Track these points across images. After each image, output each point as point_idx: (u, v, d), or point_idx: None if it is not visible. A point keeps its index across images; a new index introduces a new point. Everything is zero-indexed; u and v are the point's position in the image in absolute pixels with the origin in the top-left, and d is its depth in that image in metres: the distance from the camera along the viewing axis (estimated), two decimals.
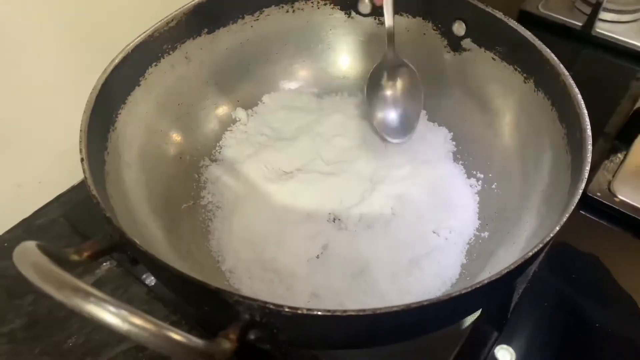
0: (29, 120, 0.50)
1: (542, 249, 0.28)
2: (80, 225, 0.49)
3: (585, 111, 0.34)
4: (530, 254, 0.27)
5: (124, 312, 0.20)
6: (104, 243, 0.28)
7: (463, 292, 0.25)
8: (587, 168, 0.31)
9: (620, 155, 0.55)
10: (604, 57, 0.70)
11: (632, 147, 0.55)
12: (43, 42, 0.48)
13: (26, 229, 0.50)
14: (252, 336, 0.26)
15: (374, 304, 0.35)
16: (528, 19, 0.75)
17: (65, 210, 0.51)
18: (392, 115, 0.46)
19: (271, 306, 0.24)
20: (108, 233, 0.28)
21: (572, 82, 0.36)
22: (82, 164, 0.31)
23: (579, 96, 0.35)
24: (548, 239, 0.28)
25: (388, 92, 0.46)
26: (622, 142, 0.56)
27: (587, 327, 0.44)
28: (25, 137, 0.50)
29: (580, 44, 0.72)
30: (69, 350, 0.42)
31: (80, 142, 0.32)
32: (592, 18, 0.69)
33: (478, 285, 0.26)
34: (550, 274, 0.46)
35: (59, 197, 0.53)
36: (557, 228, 0.28)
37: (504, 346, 0.40)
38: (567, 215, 0.29)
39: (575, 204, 0.29)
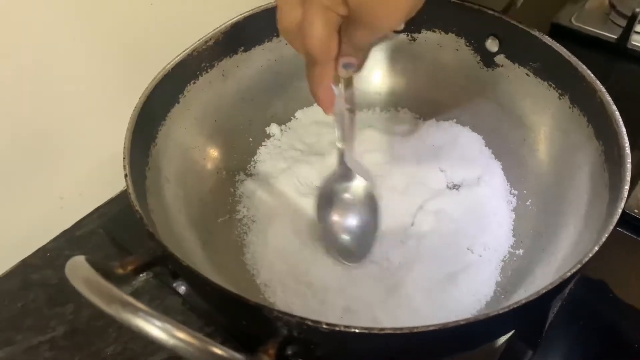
0: (71, 134, 0.52)
1: (579, 270, 0.27)
2: (117, 237, 0.50)
3: (623, 129, 0.34)
4: (569, 274, 0.27)
5: (169, 327, 0.20)
6: (146, 257, 0.29)
7: (500, 312, 0.25)
8: (627, 187, 0.31)
9: None
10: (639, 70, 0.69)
11: None
12: (86, 59, 0.49)
13: (67, 239, 0.52)
14: (289, 351, 0.26)
15: (408, 319, 0.36)
16: (561, 32, 0.74)
17: (103, 222, 0.52)
18: (348, 237, 0.41)
19: (309, 322, 0.25)
20: (150, 248, 0.29)
21: (609, 99, 0.36)
22: (126, 180, 0.32)
23: (617, 113, 0.35)
24: (587, 259, 0.27)
25: (344, 212, 0.41)
26: None
27: (625, 349, 0.42)
28: (68, 151, 0.52)
29: (615, 57, 0.70)
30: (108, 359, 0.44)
31: (123, 158, 0.33)
32: (627, 31, 0.68)
33: (515, 306, 0.26)
34: (587, 292, 0.45)
35: (98, 209, 0.54)
36: (596, 248, 0.28)
37: None
38: (605, 236, 0.28)
39: (613, 224, 0.29)
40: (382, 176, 0.45)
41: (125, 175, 0.32)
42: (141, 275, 0.48)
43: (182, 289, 0.45)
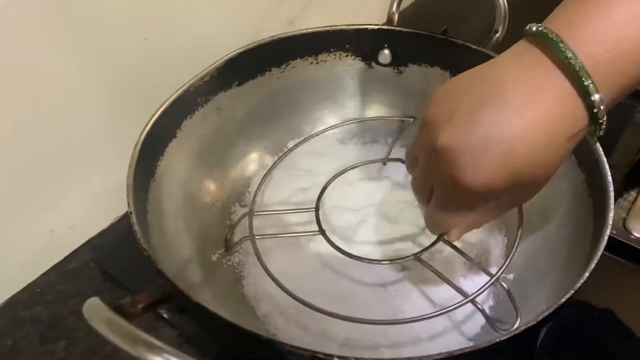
0: (61, 167, 0.52)
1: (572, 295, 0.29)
2: (110, 270, 0.50)
3: (604, 157, 0.36)
4: (563, 300, 0.29)
5: None
6: (155, 294, 0.30)
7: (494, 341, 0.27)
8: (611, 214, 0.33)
9: (633, 193, 0.56)
10: None
11: None
12: (79, 95, 0.50)
13: (59, 273, 0.52)
14: None
15: (410, 348, 0.37)
16: None
17: (95, 255, 0.52)
18: None
19: (321, 356, 0.26)
20: (159, 285, 0.30)
21: None
22: (131, 218, 0.33)
23: (598, 144, 0.37)
24: (578, 285, 0.29)
25: None
26: (633, 179, 0.58)
27: None
28: (58, 183, 0.52)
29: None
30: None
31: (127, 196, 0.34)
32: None
33: (505, 337, 0.27)
34: (572, 314, 0.47)
35: (89, 241, 0.54)
36: (587, 275, 0.30)
37: None
38: (594, 262, 0.30)
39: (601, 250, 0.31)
40: (375, 205, 0.47)
41: (130, 213, 0.33)
42: None
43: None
